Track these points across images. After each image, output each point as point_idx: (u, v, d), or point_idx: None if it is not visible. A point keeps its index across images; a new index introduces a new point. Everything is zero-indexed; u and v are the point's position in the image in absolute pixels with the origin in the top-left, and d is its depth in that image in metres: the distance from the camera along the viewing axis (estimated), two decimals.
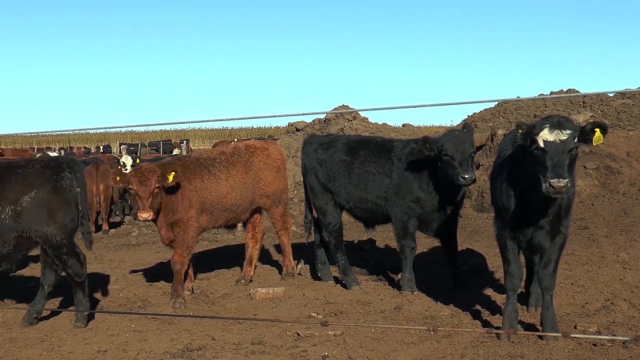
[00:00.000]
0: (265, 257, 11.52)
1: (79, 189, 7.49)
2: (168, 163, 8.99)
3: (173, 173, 8.39)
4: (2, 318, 8.03)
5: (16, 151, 35.40)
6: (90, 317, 7.71)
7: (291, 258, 10.08)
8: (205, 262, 11.22)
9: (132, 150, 37.66)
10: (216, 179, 9.00)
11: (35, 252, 11.60)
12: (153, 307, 8.56)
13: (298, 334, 7.13)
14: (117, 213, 18.80)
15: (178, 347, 6.83)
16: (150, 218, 8.30)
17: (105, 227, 16.12)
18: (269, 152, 9.73)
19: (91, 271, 10.88)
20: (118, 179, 8.45)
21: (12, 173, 7.27)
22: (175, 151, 33.39)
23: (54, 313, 8.11)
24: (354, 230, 13.41)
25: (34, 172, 7.30)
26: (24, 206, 7.15)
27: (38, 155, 31.20)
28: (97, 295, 9.24)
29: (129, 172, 8.61)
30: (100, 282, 10.02)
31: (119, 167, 17.59)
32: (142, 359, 6.52)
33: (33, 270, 11.01)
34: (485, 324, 7.50)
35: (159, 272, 8.94)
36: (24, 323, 7.67)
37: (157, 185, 8.26)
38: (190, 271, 9.16)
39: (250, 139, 10.90)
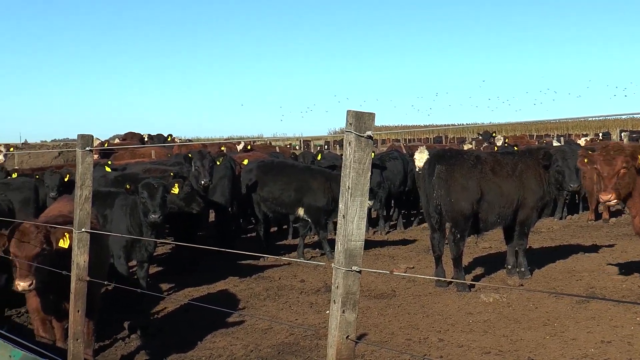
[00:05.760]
0: None
1: None
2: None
3: None
4: (507, 299, 8.41)
5: (515, 138, 36.60)
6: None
7: None
8: None
9: (634, 138, 35.44)
10: None
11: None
12: None
13: None
14: None
15: None
16: (611, 200, 7.78)
17: (605, 216, 15.84)
18: None
19: (586, 261, 10.80)
20: (586, 161, 8.18)
21: None
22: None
23: (556, 298, 8.24)
24: None
25: None
26: None
27: (537, 142, 31.79)
28: (598, 285, 9.13)
29: (596, 152, 8.18)
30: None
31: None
32: None
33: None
34: None
35: None
36: None
37: (623, 165, 7.71)
38: None
39: None
